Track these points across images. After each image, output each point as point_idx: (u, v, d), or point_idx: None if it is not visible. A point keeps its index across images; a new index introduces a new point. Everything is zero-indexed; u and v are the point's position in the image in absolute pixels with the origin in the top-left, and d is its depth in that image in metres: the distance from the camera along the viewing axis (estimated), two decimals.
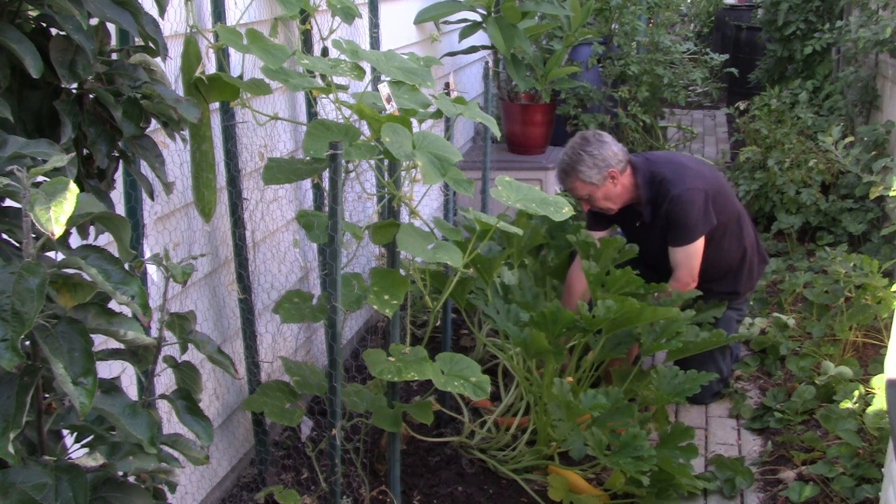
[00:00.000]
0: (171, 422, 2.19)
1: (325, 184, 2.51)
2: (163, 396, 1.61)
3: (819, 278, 3.92)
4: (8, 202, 1.30)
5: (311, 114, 2.93)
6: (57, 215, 1.10)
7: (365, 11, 3.40)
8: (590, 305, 2.90)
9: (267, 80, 2.27)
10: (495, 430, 3.04)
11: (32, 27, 1.43)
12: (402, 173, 2.39)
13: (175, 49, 2.18)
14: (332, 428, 2.33)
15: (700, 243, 3.15)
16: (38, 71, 1.32)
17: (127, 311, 1.33)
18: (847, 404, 3.02)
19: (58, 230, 1.09)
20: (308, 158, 2.37)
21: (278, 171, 2.36)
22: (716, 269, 3.28)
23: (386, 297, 2.30)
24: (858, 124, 5.35)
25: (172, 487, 1.54)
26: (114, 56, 1.64)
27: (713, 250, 3.22)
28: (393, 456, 2.62)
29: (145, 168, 1.67)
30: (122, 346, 1.42)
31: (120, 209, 1.97)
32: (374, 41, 3.46)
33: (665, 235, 3.18)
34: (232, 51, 2.46)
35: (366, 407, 2.63)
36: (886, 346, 2.99)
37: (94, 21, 1.48)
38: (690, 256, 3.15)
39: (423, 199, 2.93)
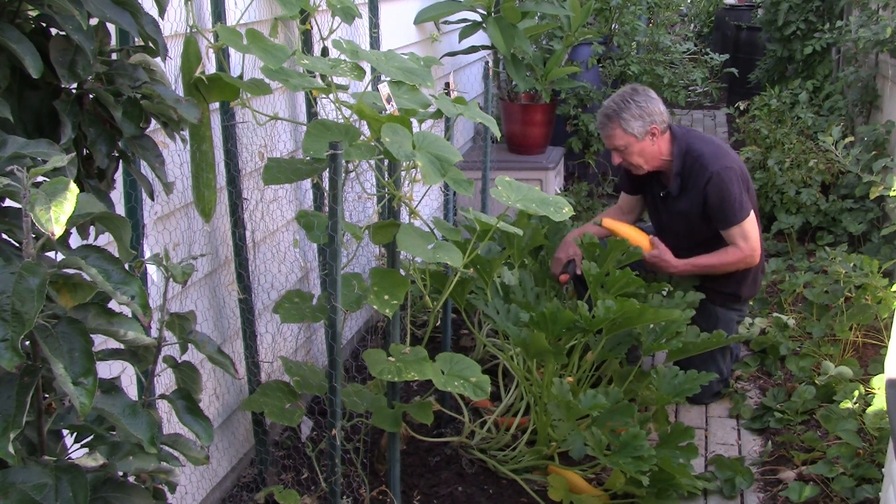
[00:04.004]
0: (171, 422, 2.19)
1: (325, 184, 2.51)
2: (163, 396, 1.61)
3: (819, 278, 3.91)
4: (8, 202, 1.30)
5: (311, 114, 2.93)
6: (57, 215, 1.10)
7: (365, 11, 3.40)
8: (590, 305, 2.89)
9: (267, 80, 2.27)
10: (495, 430, 3.04)
11: (32, 27, 1.43)
12: (402, 173, 2.39)
13: (175, 49, 2.18)
14: (332, 428, 2.33)
15: (753, 218, 3.13)
16: (38, 71, 1.32)
17: (127, 311, 1.33)
18: (847, 404, 3.02)
19: (58, 230, 1.09)
20: (308, 158, 2.37)
21: (278, 171, 2.36)
22: None
23: (386, 297, 2.30)
24: (858, 124, 5.35)
25: (172, 487, 1.54)
26: (114, 56, 1.64)
27: (722, 241, 3.21)
28: (393, 456, 2.62)
29: (145, 168, 1.67)
30: (122, 346, 1.42)
31: (120, 209, 1.97)
32: (374, 41, 3.46)
33: (689, 211, 3.16)
34: (232, 51, 2.46)
35: (366, 407, 2.63)
36: (886, 346, 2.99)
37: (94, 21, 1.48)
38: (747, 232, 3.12)
39: (423, 199, 2.93)
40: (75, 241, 1.44)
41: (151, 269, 2.13)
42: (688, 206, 3.18)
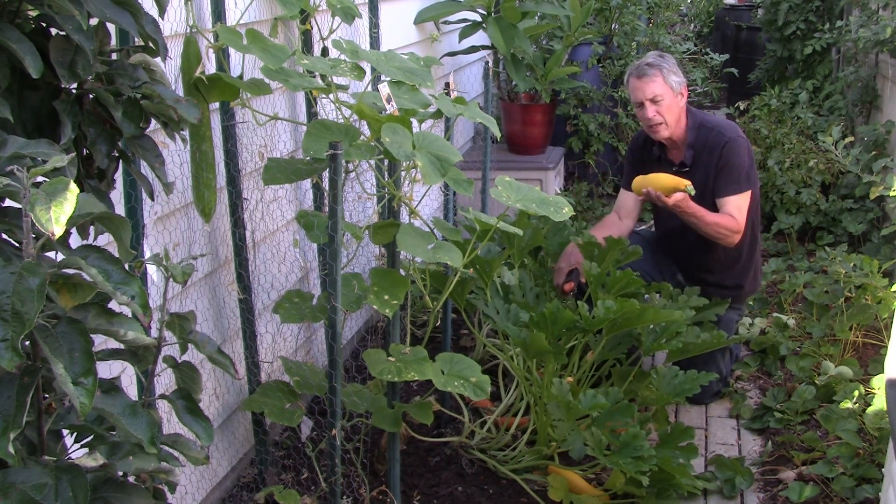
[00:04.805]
0: (171, 422, 2.19)
1: (325, 184, 2.51)
2: (163, 396, 1.61)
3: (819, 278, 3.92)
4: (8, 202, 1.30)
5: (311, 114, 2.93)
6: (57, 215, 1.10)
7: (365, 11, 3.40)
8: (590, 305, 2.89)
9: (267, 80, 2.27)
10: (495, 430, 3.04)
11: (32, 27, 1.43)
12: (402, 173, 2.39)
13: (175, 49, 2.18)
14: (332, 428, 2.33)
15: (747, 198, 3.22)
16: (38, 71, 1.32)
17: (127, 311, 1.33)
18: (847, 404, 3.02)
19: (58, 230, 1.09)
20: (308, 158, 2.37)
21: (278, 171, 2.36)
22: (725, 252, 3.28)
23: (386, 297, 2.30)
24: (858, 124, 5.35)
25: (172, 487, 1.54)
26: (114, 56, 1.64)
27: None
28: (393, 456, 2.62)
29: (145, 168, 1.67)
30: (122, 346, 1.42)
31: (120, 209, 1.97)
32: (374, 41, 3.46)
33: (704, 183, 3.22)
34: (232, 51, 2.46)
35: (366, 407, 2.63)
36: (886, 346, 2.99)
37: (94, 21, 1.47)
38: (742, 207, 3.21)
39: (423, 199, 2.93)
40: (75, 241, 1.44)
41: (151, 269, 2.13)
42: (702, 177, 3.23)
